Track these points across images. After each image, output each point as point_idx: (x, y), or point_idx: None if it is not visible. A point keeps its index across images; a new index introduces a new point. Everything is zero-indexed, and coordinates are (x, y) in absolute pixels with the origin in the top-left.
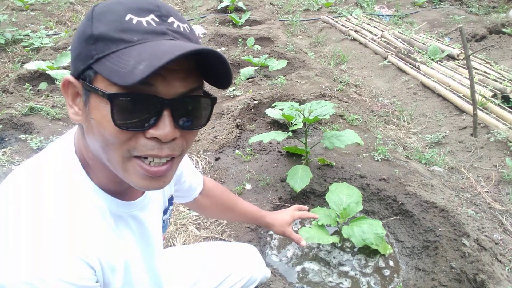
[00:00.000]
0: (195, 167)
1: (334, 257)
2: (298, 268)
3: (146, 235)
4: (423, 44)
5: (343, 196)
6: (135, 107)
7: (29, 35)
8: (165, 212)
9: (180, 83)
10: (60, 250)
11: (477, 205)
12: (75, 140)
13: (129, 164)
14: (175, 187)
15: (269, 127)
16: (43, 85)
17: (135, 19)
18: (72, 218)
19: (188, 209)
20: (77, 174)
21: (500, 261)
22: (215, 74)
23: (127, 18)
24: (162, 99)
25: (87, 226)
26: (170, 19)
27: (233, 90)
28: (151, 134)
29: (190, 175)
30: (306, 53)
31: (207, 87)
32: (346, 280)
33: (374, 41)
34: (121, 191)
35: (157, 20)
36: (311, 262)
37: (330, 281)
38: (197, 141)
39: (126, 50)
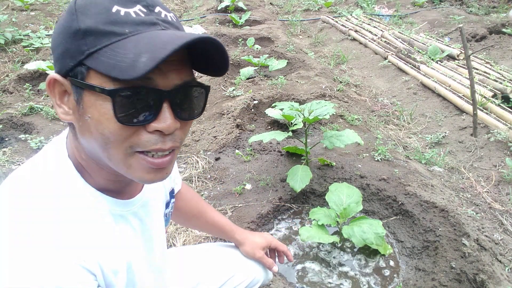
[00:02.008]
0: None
1: (334, 257)
2: (298, 268)
3: (148, 231)
4: (423, 44)
5: (343, 196)
6: (136, 102)
7: (29, 35)
8: (167, 205)
9: (176, 75)
10: (59, 257)
11: (477, 205)
12: (67, 143)
13: (132, 159)
14: None
15: (269, 127)
16: (43, 85)
17: (123, 10)
18: (71, 224)
19: None
20: (72, 178)
21: (500, 261)
22: (209, 62)
23: (114, 9)
24: (162, 91)
25: (86, 231)
26: (157, 9)
27: (233, 90)
28: (154, 128)
29: (174, 175)
30: (306, 53)
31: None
32: (346, 280)
33: (374, 41)
34: (119, 189)
35: (145, 10)
36: (311, 262)
37: (330, 281)
38: (197, 141)
39: (120, 43)
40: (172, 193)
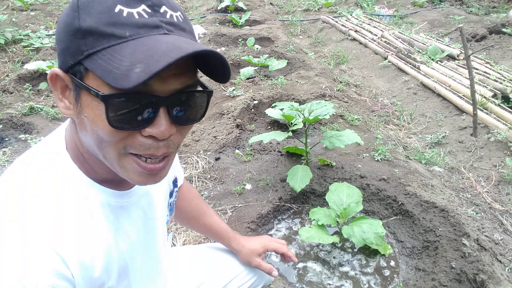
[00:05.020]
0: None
1: (334, 257)
2: (298, 268)
3: (150, 220)
4: (423, 44)
5: (343, 196)
6: (130, 107)
7: (29, 35)
8: (170, 195)
9: (176, 79)
10: (32, 249)
11: (477, 205)
12: (66, 135)
13: (125, 160)
14: None
15: (269, 127)
16: (43, 85)
17: (126, 11)
18: (50, 214)
19: None
20: (68, 171)
21: (500, 261)
22: (213, 70)
23: (116, 9)
24: (158, 97)
25: (67, 224)
26: (163, 9)
27: (233, 90)
28: (148, 133)
29: (175, 167)
30: (306, 53)
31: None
32: (346, 280)
33: (374, 41)
34: (119, 181)
35: (149, 10)
36: (311, 262)
37: (330, 281)
38: (197, 141)
39: (118, 47)
40: (175, 182)
